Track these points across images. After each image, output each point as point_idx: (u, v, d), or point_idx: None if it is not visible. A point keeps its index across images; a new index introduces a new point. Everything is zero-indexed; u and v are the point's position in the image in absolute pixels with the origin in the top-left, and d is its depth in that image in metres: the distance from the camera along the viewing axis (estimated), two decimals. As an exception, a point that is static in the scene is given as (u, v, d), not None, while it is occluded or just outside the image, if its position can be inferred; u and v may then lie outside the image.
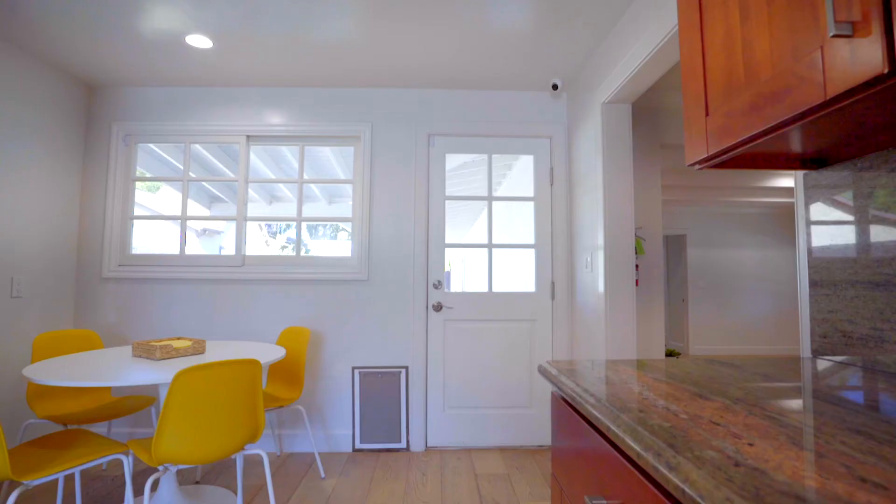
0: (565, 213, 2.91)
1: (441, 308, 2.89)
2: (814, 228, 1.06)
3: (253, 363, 1.68)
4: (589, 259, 2.55)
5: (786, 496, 0.40)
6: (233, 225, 3.02)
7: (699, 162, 0.99)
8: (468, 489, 2.35)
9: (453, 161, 3.29)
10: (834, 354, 0.99)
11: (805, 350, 1.07)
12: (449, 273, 3.23)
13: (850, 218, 0.96)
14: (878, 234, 0.89)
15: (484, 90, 2.98)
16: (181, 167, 4.46)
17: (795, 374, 0.89)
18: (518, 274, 3.25)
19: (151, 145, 3.08)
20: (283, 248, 9.93)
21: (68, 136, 2.79)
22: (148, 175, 3.40)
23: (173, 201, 5.58)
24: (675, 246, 7.45)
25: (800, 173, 1.09)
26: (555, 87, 2.81)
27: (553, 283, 2.92)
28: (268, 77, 2.81)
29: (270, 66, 2.67)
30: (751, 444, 0.52)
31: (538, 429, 2.87)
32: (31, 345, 2.57)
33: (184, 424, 1.54)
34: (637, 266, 2.93)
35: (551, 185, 2.95)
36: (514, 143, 2.99)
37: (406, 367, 2.85)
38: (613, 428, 0.63)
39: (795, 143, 0.89)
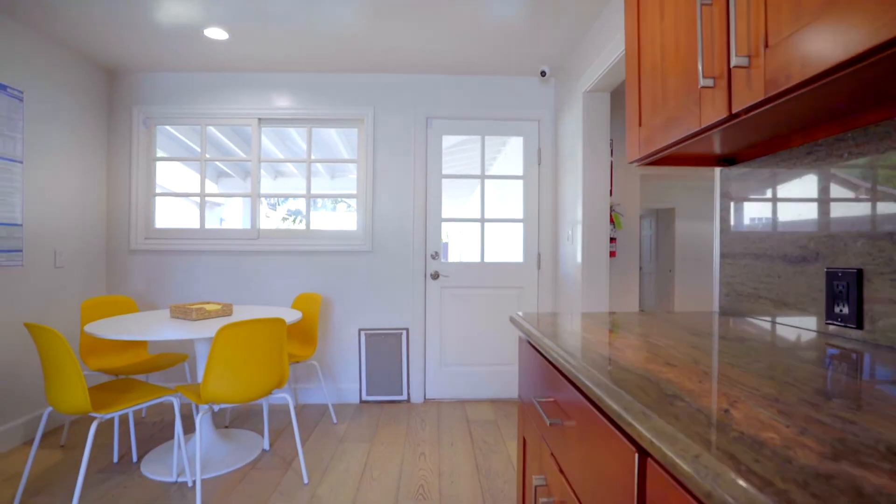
0: (551, 191, 3.20)
1: (438, 276, 3.21)
2: (722, 213, 1.36)
3: (279, 321, 2.00)
4: (570, 233, 2.85)
5: (625, 371, 0.71)
6: (230, 195, 3.29)
7: (636, 160, 1.28)
8: (461, 431, 2.73)
9: (450, 140, 3.54)
10: (732, 309, 1.30)
11: (715, 306, 1.38)
12: (447, 244, 3.53)
13: (743, 205, 1.26)
14: (759, 218, 1.19)
15: (478, 76, 3.21)
16: (191, 145, 4.70)
17: (689, 318, 1.20)
18: (508, 246, 3.55)
19: (168, 127, 3.31)
20: (284, 219, 10.25)
21: (94, 119, 3.03)
22: (165, 155, 3.64)
23: (181, 177, 5.82)
24: (664, 219, 7.74)
25: (717, 169, 1.38)
26: (543, 73, 3.04)
27: (539, 255, 3.23)
28: (278, 64, 3.03)
29: (280, 54, 2.89)
30: (620, 352, 0.83)
31: (524, 383, 3.24)
32: (80, 308, 2.90)
33: (225, 370, 1.87)
34: (615, 239, 3.23)
35: (539, 164, 3.22)
36: (505, 125, 3.24)
37: (407, 329, 3.19)
38: (550, 350, 0.95)
39: (704, 148, 1.17)
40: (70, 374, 1.72)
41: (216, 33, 2.60)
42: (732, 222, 1.31)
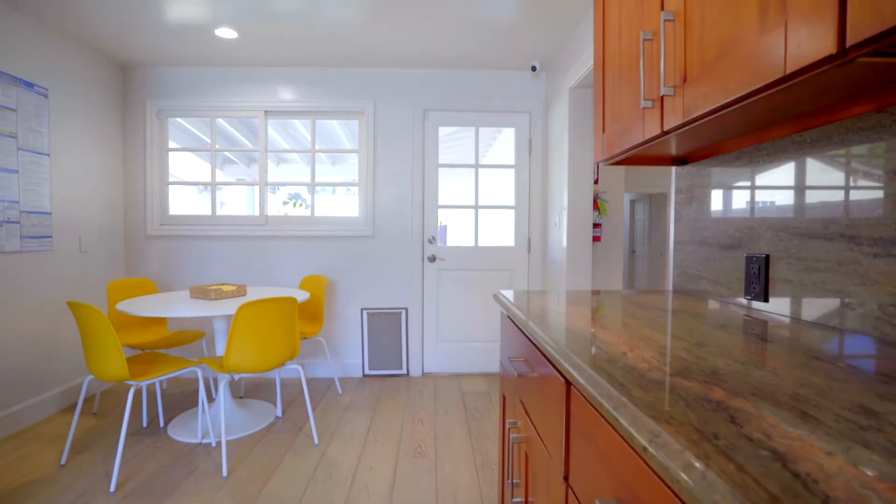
0: (541, 179, 3.41)
1: (435, 259, 3.43)
2: (676, 206, 1.58)
3: (292, 300, 2.23)
4: (557, 219, 3.07)
5: (566, 329, 0.94)
6: (241, 184, 3.50)
7: (601, 161, 1.49)
8: (455, 401, 2.99)
9: (445, 128, 3.72)
10: (681, 287, 1.53)
11: (669, 285, 1.61)
12: (446, 227, 3.74)
13: (691, 200, 1.47)
14: (702, 211, 1.41)
15: (472, 70, 3.39)
16: (200, 136, 4.87)
17: (643, 295, 1.43)
18: (500, 231, 3.77)
19: (179, 119, 3.50)
20: (285, 203, 10.45)
21: (109, 112, 3.22)
22: (176, 146, 3.82)
23: (187, 165, 5.99)
24: (657, 203, 7.94)
25: (672, 168, 1.60)
26: (533, 68, 3.22)
27: (529, 239, 3.45)
28: (283, 59, 3.21)
29: (285, 51, 3.06)
30: (570, 318, 1.06)
31: (515, 358, 3.50)
32: (105, 288, 3.13)
33: (245, 343, 2.11)
34: (600, 225, 3.44)
35: (530, 154, 3.42)
36: (498, 117, 3.43)
37: (406, 308, 3.44)
38: (516, 315, 1.18)
39: (658, 151, 1.38)
40: (110, 346, 1.96)
41: (226, 33, 2.78)
42: (683, 214, 1.53)
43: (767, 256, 1.13)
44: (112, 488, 1.93)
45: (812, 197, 1.00)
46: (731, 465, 0.38)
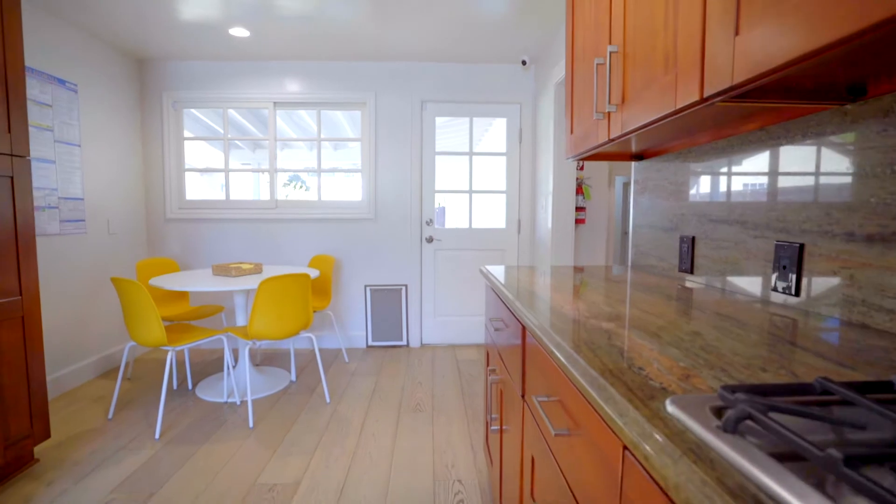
0: (530, 166, 3.68)
1: (432, 240, 3.73)
2: (634, 195, 1.87)
3: (306, 276, 2.53)
4: (544, 202, 3.36)
5: (526, 292, 1.24)
6: (253, 170, 3.77)
7: (570, 158, 1.77)
8: (451, 368, 3.33)
9: (442, 119, 3.97)
10: (637, 264, 1.83)
11: (629, 262, 1.91)
12: (444, 208, 4.02)
13: (645, 190, 1.76)
14: (652, 199, 1.70)
15: (467, 64, 3.62)
16: (211, 125, 5.08)
17: (605, 270, 1.73)
18: (492, 213, 4.05)
19: (193, 110, 3.74)
20: (285, 185, 10.70)
21: (129, 104, 3.46)
22: (191, 135, 4.06)
23: (199, 153, 6.22)
24: (647, 185, 8.19)
25: (632, 163, 1.88)
26: (524, 62, 3.46)
27: (519, 221, 3.74)
28: (291, 54, 3.44)
29: (293, 46, 3.30)
30: (538, 286, 1.36)
31: (506, 331, 3.84)
32: (133, 267, 3.43)
33: (266, 313, 2.42)
34: (584, 209, 3.73)
35: (520, 143, 3.69)
36: (490, 108, 3.68)
37: (406, 285, 3.75)
38: (495, 283, 1.48)
39: (618, 149, 1.67)
40: (151, 316, 2.27)
41: (239, 32, 3.01)
42: (639, 202, 1.83)
43: (693, 238, 1.43)
44: (157, 436, 2.27)
45: (721, 191, 1.30)
46: (592, 354, 0.69)
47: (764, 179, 1.13)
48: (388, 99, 3.64)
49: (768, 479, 0.35)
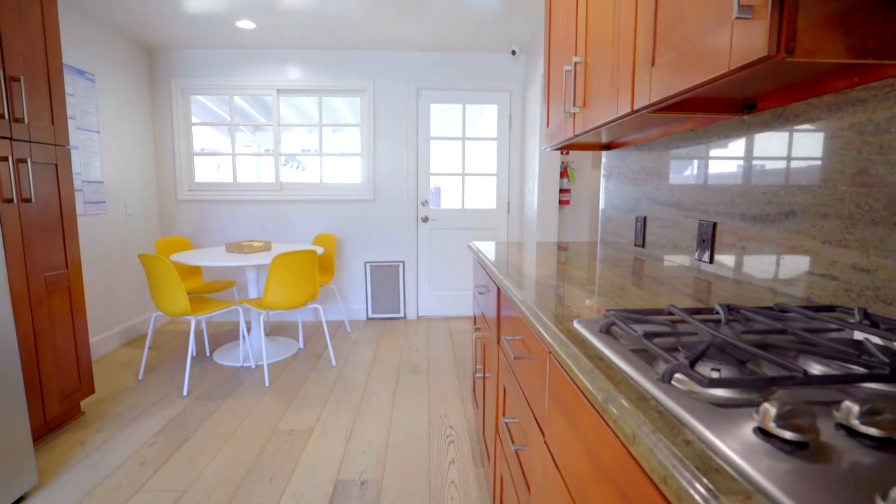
0: (519, 151, 3.92)
1: (427, 220, 3.99)
2: (604, 182, 2.14)
3: (313, 252, 2.81)
4: (531, 185, 3.62)
5: (503, 263, 1.52)
6: (259, 154, 4.00)
7: (546, 148, 2.04)
8: (445, 337, 3.64)
9: (437, 105, 4.19)
10: (606, 240, 2.12)
11: (599, 238, 2.20)
12: (440, 188, 4.27)
13: (613, 177, 2.03)
14: (617, 185, 1.97)
15: (460, 53, 3.83)
16: (216, 110, 5.27)
17: (588, 246, 2.01)
18: (484, 195, 4.31)
19: (199, 97, 3.94)
20: (283, 165, 10.88)
21: (140, 91, 3.66)
22: (198, 121, 4.25)
23: (204, 137, 6.39)
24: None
25: (604, 152, 2.15)
26: (514, 52, 3.67)
27: (509, 202, 4.01)
28: (294, 43, 3.63)
29: (296, 36, 3.49)
30: (513, 258, 1.64)
31: (496, 304, 4.14)
32: (151, 245, 3.69)
33: (278, 285, 2.70)
34: (569, 190, 3.99)
35: (510, 128, 3.92)
36: (482, 95, 3.90)
37: (403, 262, 4.03)
38: (486, 263, 1.75)
39: (589, 140, 1.93)
40: (176, 288, 2.54)
41: (246, 24, 3.20)
42: (606, 186, 2.10)
43: (645, 218, 1.71)
44: (185, 393, 2.57)
45: (665, 179, 1.57)
46: (539, 298, 0.97)
47: (694, 170, 1.41)
48: (386, 86, 3.85)
49: (611, 353, 0.64)
